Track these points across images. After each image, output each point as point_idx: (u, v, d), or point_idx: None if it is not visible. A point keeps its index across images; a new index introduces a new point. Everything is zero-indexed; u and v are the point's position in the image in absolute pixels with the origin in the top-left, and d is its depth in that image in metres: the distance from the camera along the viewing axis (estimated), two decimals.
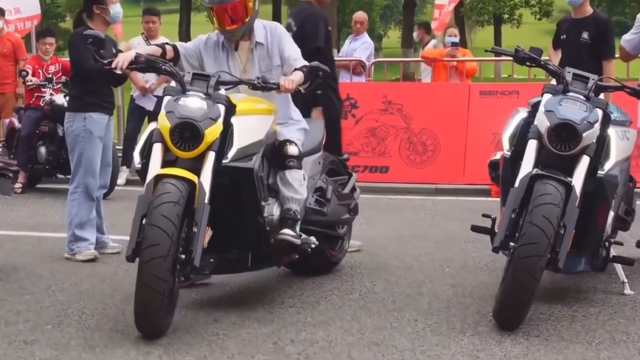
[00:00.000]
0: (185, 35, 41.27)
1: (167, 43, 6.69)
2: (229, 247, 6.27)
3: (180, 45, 6.70)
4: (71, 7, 56.68)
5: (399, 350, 5.30)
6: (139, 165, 5.99)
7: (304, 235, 6.54)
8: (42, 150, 11.86)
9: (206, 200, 5.59)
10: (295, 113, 6.86)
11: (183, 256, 5.50)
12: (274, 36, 6.63)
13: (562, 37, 9.04)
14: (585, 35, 8.72)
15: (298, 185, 6.46)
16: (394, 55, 45.72)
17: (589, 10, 8.94)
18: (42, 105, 12.00)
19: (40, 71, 12.19)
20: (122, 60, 6.22)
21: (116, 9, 7.95)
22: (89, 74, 7.75)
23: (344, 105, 12.59)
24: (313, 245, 6.60)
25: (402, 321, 5.89)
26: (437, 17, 15.47)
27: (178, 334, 5.59)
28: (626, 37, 7.84)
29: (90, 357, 5.21)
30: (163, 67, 6.17)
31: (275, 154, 6.45)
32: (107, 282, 6.97)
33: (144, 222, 5.44)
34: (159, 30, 12.80)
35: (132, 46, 8.13)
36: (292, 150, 6.43)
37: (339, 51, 24.52)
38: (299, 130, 6.73)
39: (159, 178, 5.56)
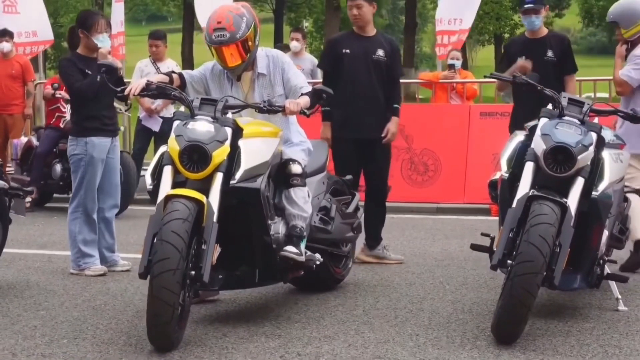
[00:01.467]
0: (188, 55, 41.51)
1: (173, 72, 6.98)
2: (237, 264, 6.53)
3: (186, 72, 6.98)
4: None
5: None
6: (150, 187, 6.27)
7: (309, 253, 6.79)
8: (58, 167, 12.15)
9: (215, 219, 5.84)
10: (299, 135, 7.11)
11: (193, 272, 5.76)
12: (276, 65, 6.88)
13: (520, 59, 8.84)
14: (550, 53, 8.72)
15: (303, 202, 6.71)
16: None
17: (544, 29, 8.99)
18: (61, 126, 12.24)
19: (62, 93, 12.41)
20: (134, 88, 6.54)
21: (101, 40, 8.08)
22: (84, 92, 7.97)
23: None
24: (317, 262, 6.86)
25: (404, 336, 6.11)
26: (440, 43, 15.69)
27: (189, 347, 5.81)
28: (627, 73, 8.00)
29: None
30: (172, 93, 6.48)
31: (280, 172, 6.71)
32: (118, 299, 7.20)
33: (155, 240, 5.69)
34: (164, 53, 13.08)
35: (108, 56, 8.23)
36: (296, 168, 6.69)
37: None
38: (303, 151, 6.98)
39: (168, 198, 5.82)
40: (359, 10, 8.47)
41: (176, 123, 6.20)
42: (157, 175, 6.20)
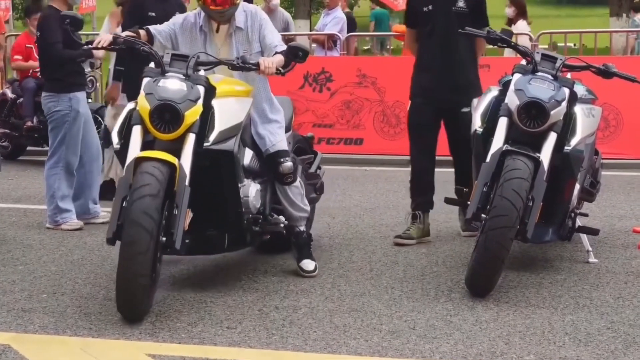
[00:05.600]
0: None
1: (140, 27, 6.56)
2: (204, 228, 6.26)
3: (153, 27, 6.54)
4: None
5: (377, 316, 5.63)
6: (118, 146, 6.00)
7: (275, 216, 6.68)
8: (34, 119, 12.08)
9: (187, 182, 5.64)
10: (272, 104, 6.75)
11: (164, 239, 5.58)
12: (254, 21, 6.53)
13: (425, 9, 7.83)
14: (460, 3, 7.71)
15: (300, 200, 6.68)
16: (365, 24, 46.01)
17: None
18: (39, 76, 12.16)
19: (32, 46, 12.29)
20: (102, 41, 6.24)
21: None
22: (62, 58, 7.99)
23: (319, 78, 12.92)
24: (282, 225, 6.66)
25: (379, 289, 6.21)
26: None
27: (168, 302, 5.88)
28: None
29: (86, 324, 5.50)
30: (142, 47, 6.15)
31: (269, 166, 6.53)
32: (95, 253, 7.24)
33: (124, 205, 5.50)
34: None
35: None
36: (287, 167, 6.50)
37: (312, 24, 24.66)
38: (280, 128, 6.69)
39: (139, 161, 5.60)
40: None
41: (146, 80, 5.92)
42: (124, 134, 5.95)
